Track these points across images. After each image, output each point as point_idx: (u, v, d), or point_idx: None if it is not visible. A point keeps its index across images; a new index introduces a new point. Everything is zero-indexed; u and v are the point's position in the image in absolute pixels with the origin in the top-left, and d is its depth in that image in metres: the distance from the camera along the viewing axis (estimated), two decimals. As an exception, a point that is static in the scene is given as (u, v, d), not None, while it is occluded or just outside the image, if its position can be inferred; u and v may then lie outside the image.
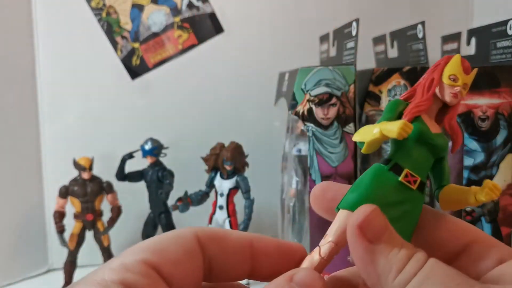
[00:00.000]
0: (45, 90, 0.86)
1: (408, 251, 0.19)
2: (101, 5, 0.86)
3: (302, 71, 0.56)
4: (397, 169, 0.22)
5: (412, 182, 0.22)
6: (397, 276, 0.19)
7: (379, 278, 0.19)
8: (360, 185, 0.22)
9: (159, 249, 0.19)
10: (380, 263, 0.19)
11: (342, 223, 0.21)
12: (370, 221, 0.19)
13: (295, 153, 0.64)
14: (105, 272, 0.17)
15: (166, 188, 0.78)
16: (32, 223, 0.86)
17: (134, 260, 0.18)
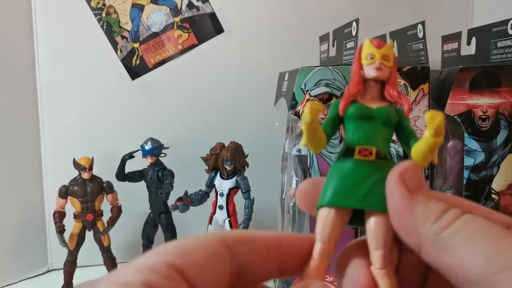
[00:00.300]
0: (45, 90, 0.86)
1: (445, 204, 0.20)
2: (101, 5, 0.86)
3: (302, 71, 0.56)
4: (350, 151, 0.23)
5: (368, 154, 0.22)
6: (436, 221, 0.19)
7: (416, 223, 0.19)
8: (328, 183, 0.22)
9: (185, 252, 0.19)
10: (418, 209, 0.20)
11: (323, 219, 0.22)
12: (411, 172, 0.20)
13: (295, 153, 0.64)
14: (128, 272, 0.17)
15: (166, 188, 0.78)
16: (32, 223, 0.86)
17: (158, 262, 0.18)
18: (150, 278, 0.17)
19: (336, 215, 0.22)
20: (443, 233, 0.19)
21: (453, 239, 0.18)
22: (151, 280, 0.17)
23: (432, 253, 0.19)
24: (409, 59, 0.67)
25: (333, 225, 0.22)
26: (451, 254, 0.18)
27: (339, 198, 0.22)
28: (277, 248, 0.22)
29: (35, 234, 0.86)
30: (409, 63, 0.67)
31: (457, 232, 0.18)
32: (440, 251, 0.19)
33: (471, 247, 0.18)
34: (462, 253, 0.18)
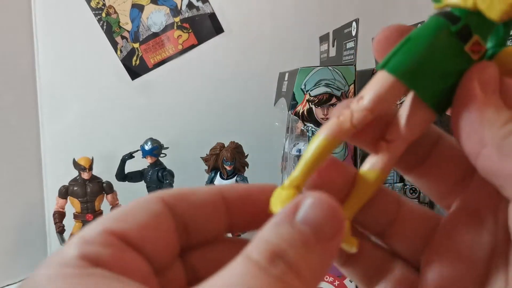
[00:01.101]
0: (45, 90, 0.86)
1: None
2: (101, 5, 0.86)
3: (302, 71, 0.56)
4: (466, 34, 0.18)
5: (476, 52, 0.18)
6: (506, 125, 0.17)
7: (483, 124, 0.18)
8: (415, 46, 0.18)
9: (123, 217, 0.17)
10: (488, 111, 0.18)
11: (385, 90, 0.18)
12: (491, 75, 0.18)
13: (295, 153, 0.64)
14: (66, 249, 0.16)
15: (166, 188, 0.78)
16: (32, 223, 0.86)
17: (94, 231, 0.17)
18: (86, 249, 0.16)
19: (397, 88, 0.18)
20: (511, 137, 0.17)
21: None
22: (87, 251, 0.16)
23: (493, 157, 0.17)
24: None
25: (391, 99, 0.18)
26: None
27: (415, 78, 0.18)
28: (220, 200, 0.20)
29: (35, 234, 0.86)
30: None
31: None
32: (504, 156, 0.17)
33: None
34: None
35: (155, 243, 0.18)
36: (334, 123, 0.18)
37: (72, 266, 0.15)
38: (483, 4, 0.17)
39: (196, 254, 0.20)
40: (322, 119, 0.56)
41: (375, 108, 0.18)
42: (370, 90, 0.18)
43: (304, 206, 0.16)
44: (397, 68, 0.18)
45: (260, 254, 0.15)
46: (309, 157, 0.18)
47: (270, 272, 0.15)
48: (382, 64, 0.18)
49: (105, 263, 0.16)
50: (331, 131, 0.18)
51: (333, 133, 0.18)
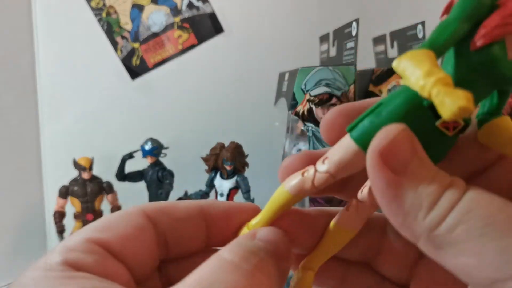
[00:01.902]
0: (45, 90, 0.86)
1: (442, 182, 0.15)
2: (101, 5, 0.86)
3: (302, 71, 0.56)
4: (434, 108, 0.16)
5: (450, 129, 0.17)
6: (429, 213, 0.15)
7: (406, 217, 0.16)
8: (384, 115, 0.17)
9: (105, 227, 0.18)
10: (407, 198, 0.15)
11: (347, 157, 0.17)
12: (396, 146, 0.16)
13: (295, 153, 0.64)
14: (48, 255, 0.17)
15: (166, 188, 0.78)
16: (32, 223, 0.86)
17: (77, 239, 0.17)
18: (69, 256, 0.16)
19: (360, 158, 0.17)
20: (440, 228, 0.15)
21: (452, 236, 0.15)
22: (70, 257, 0.16)
23: (430, 250, 0.16)
24: (409, 59, 0.67)
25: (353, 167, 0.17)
26: (452, 254, 0.15)
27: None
28: (200, 215, 0.20)
29: (35, 234, 0.86)
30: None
31: (456, 226, 0.15)
32: (439, 249, 0.15)
33: (475, 246, 0.14)
34: (465, 253, 0.14)
35: (136, 253, 0.18)
36: (298, 180, 0.19)
37: (55, 270, 0.16)
38: (436, 99, 0.14)
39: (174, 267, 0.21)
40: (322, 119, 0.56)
41: (337, 173, 0.18)
42: (334, 154, 0.18)
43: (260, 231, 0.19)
44: (361, 138, 0.17)
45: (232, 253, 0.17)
46: (271, 208, 0.20)
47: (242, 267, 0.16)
48: (349, 128, 0.18)
49: (87, 268, 0.16)
50: (293, 189, 0.19)
51: (294, 191, 0.19)
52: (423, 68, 0.15)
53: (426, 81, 0.14)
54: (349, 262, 0.22)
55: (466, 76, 0.16)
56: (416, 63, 0.15)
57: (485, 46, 0.16)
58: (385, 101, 0.17)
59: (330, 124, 0.19)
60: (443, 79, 0.14)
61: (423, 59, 0.15)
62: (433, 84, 0.14)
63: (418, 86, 0.15)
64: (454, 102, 0.14)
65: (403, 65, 0.15)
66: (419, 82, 0.15)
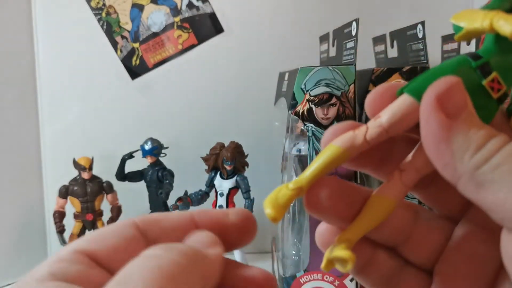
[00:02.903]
0: (45, 90, 0.86)
1: (489, 131, 0.17)
2: (101, 5, 0.86)
3: (302, 71, 0.56)
4: (485, 70, 0.18)
5: (495, 90, 0.18)
6: (475, 153, 0.17)
7: (453, 156, 0.17)
8: (437, 73, 0.18)
9: (95, 238, 0.19)
10: (457, 139, 0.17)
11: (402, 109, 0.18)
12: (451, 93, 0.17)
13: (295, 153, 0.64)
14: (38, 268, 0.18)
15: (166, 188, 0.78)
16: (32, 223, 0.86)
17: (66, 250, 0.18)
18: (55, 267, 0.17)
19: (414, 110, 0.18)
20: (484, 167, 0.16)
21: (494, 173, 0.16)
22: (56, 268, 0.17)
23: (470, 189, 0.17)
24: (409, 59, 0.67)
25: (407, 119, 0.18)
26: (492, 190, 0.16)
27: None
28: (191, 225, 0.21)
29: (35, 234, 0.86)
30: (409, 63, 0.67)
31: (499, 165, 0.16)
32: (479, 187, 0.17)
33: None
34: (505, 189, 0.16)
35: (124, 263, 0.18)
36: (349, 135, 0.19)
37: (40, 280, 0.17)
38: (497, 24, 0.17)
39: None
40: (322, 119, 0.56)
41: (390, 126, 0.18)
42: (388, 110, 0.19)
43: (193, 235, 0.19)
44: (415, 90, 0.18)
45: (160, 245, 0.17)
46: (319, 164, 0.19)
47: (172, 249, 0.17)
48: (402, 88, 0.19)
49: (71, 278, 0.17)
50: (344, 142, 0.19)
51: (346, 145, 0.19)
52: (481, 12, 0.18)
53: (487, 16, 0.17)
54: (376, 245, 0.21)
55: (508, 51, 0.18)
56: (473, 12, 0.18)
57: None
58: (436, 67, 0.19)
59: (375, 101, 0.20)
60: (501, 12, 0.17)
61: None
62: (493, 15, 0.17)
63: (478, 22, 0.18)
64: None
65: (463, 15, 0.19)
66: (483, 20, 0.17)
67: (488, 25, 0.17)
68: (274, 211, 0.18)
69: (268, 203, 0.19)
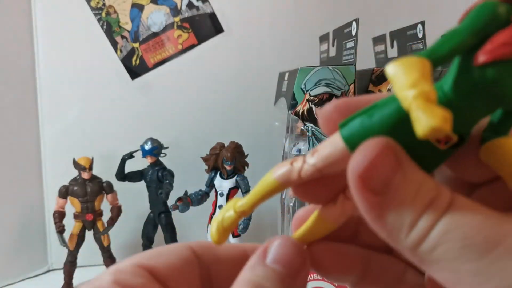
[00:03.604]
0: (45, 90, 0.86)
1: (425, 197, 0.15)
2: (101, 5, 0.86)
3: (302, 71, 0.56)
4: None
5: (442, 143, 0.16)
6: (410, 233, 0.15)
7: (390, 236, 0.16)
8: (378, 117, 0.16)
9: (154, 255, 0.20)
10: (389, 219, 0.16)
11: (335, 154, 0.17)
12: (375, 167, 0.15)
13: (295, 153, 0.64)
14: (101, 276, 0.19)
15: (166, 188, 0.78)
16: (32, 223, 0.86)
17: (128, 263, 0.19)
18: (119, 277, 0.18)
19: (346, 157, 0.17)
20: (421, 247, 0.15)
21: (432, 255, 0.15)
22: (119, 278, 0.18)
23: (416, 263, 0.16)
24: (409, 59, 0.67)
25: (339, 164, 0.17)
26: (434, 269, 0.15)
27: None
28: (244, 257, 0.21)
29: (35, 234, 0.86)
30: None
31: (436, 246, 0.15)
32: (423, 264, 0.16)
33: (454, 265, 0.15)
34: (445, 270, 0.15)
35: (179, 282, 0.20)
36: (285, 169, 0.19)
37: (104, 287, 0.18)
38: (412, 114, 0.14)
39: None
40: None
41: (323, 168, 0.18)
42: (323, 149, 0.18)
43: (272, 248, 0.19)
44: (349, 138, 0.17)
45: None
46: (257, 194, 0.21)
47: None
48: (341, 124, 0.17)
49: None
50: (279, 176, 0.19)
51: (282, 178, 0.19)
52: (410, 77, 0.14)
53: (408, 92, 0.14)
54: (372, 250, 0.21)
55: (466, 92, 0.15)
56: (407, 70, 0.14)
57: (490, 63, 0.14)
58: (380, 104, 0.16)
59: (326, 118, 0.19)
60: (426, 93, 0.13)
61: (415, 68, 0.14)
62: (414, 96, 0.13)
63: (401, 96, 0.14)
64: (428, 121, 0.13)
65: (394, 70, 0.14)
66: (402, 92, 0.14)
67: (406, 106, 0.14)
68: (217, 234, 0.19)
69: (214, 226, 0.20)
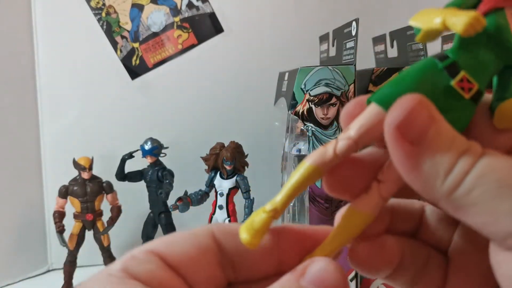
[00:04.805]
0: (45, 90, 0.86)
1: (458, 148, 0.16)
2: (101, 5, 0.86)
3: (302, 71, 0.56)
4: (453, 70, 0.18)
5: (466, 90, 0.17)
6: (446, 179, 0.16)
7: (426, 183, 0.16)
8: (403, 80, 0.18)
9: (169, 242, 0.19)
10: (425, 166, 0.16)
11: (370, 120, 0.18)
12: (412, 119, 0.16)
13: (295, 153, 0.64)
14: (113, 263, 0.18)
15: (166, 188, 0.78)
16: (32, 223, 0.86)
17: (142, 249, 0.19)
18: (128, 264, 0.18)
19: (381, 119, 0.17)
20: (456, 192, 0.16)
21: (468, 198, 0.16)
22: (129, 265, 0.18)
23: (450, 211, 0.17)
24: (408, 59, 0.67)
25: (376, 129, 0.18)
26: (470, 214, 0.16)
27: None
28: (273, 240, 0.20)
29: (35, 234, 0.86)
30: (408, 63, 0.67)
31: (471, 190, 0.16)
32: (458, 210, 0.16)
33: (490, 207, 0.15)
34: (482, 213, 0.16)
35: (195, 271, 0.19)
36: (319, 151, 0.19)
37: (114, 276, 0.17)
38: (449, 22, 0.16)
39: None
40: (322, 119, 0.56)
41: (359, 137, 0.18)
42: (356, 121, 0.18)
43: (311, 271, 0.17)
44: (381, 98, 0.18)
45: None
46: (292, 185, 0.19)
47: None
48: (369, 100, 0.18)
49: (140, 277, 0.17)
50: (314, 160, 0.18)
51: (316, 162, 0.18)
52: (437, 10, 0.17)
53: (441, 14, 0.17)
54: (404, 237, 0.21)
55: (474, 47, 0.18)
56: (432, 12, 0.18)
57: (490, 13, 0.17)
58: (403, 72, 0.18)
59: (349, 114, 0.19)
60: (454, 9, 0.17)
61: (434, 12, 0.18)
62: (446, 12, 0.17)
63: (432, 22, 0.17)
64: (465, 17, 0.16)
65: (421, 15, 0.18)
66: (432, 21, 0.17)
67: (441, 24, 0.17)
68: (249, 236, 0.18)
69: (244, 229, 0.19)
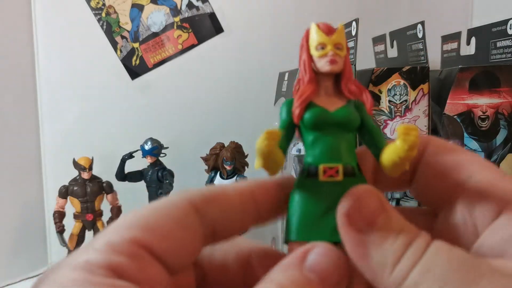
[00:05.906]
0: (45, 90, 0.86)
1: (406, 237, 0.16)
2: (101, 5, 0.86)
3: (302, 71, 0.56)
4: (313, 171, 0.20)
5: (334, 174, 0.19)
6: (393, 271, 0.16)
7: (374, 274, 0.16)
8: (292, 212, 0.19)
9: (149, 224, 0.17)
10: (373, 256, 0.16)
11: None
12: (360, 206, 0.17)
13: (295, 153, 0.64)
14: (89, 253, 0.15)
15: (166, 188, 0.78)
16: (32, 223, 0.86)
17: (121, 239, 0.16)
18: (114, 260, 0.15)
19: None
20: (404, 285, 0.16)
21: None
22: (115, 262, 0.15)
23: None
24: (408, 59, 0.67)
25: None
26: None
27: (308, 232, 0.19)
28: (251, 199, 0.20)
29: (35, 234, 0.86)
30: (408, 63, 0.67)
31: (417, 284, 0.15)
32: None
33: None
34: None
35: (179, 253, 0.18)
36: None
37: (98, 274, 0.15)
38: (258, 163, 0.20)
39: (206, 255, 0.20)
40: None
41: None
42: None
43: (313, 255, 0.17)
44: (291, 234, 0.19)
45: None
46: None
47: None
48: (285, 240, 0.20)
49: (130, 276, 0.15)
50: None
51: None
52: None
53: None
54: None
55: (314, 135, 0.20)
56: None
57: (303, 115, 0.20)
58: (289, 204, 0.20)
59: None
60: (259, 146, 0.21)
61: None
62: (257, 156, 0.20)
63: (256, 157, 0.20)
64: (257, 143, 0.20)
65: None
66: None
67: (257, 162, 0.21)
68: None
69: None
